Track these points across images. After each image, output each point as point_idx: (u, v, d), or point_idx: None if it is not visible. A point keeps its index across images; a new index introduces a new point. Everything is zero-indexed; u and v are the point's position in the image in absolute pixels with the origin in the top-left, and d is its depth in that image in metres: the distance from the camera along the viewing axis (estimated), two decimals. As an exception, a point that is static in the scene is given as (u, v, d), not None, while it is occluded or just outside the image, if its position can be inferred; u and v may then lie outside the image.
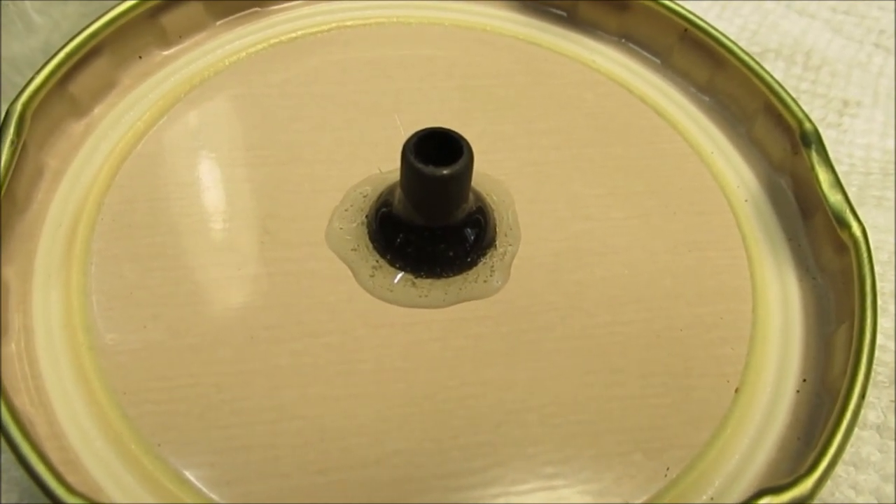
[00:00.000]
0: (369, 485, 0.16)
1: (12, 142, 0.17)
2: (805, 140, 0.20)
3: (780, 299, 0.19)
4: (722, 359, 0.18)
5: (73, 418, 0.16)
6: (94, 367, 0.17)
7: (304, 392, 0.17)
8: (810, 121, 0.20)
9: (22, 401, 0.16)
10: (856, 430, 0.16)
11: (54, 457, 0.15)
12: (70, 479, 0.14)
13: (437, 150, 0.17)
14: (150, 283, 0.18)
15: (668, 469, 0.16)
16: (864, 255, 0.18)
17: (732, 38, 0.22)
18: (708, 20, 0.23)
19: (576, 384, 0.17)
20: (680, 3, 0.23)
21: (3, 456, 0.18)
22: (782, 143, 0.21)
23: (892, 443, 0.19)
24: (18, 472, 0.16)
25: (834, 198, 0.19)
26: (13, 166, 0.17)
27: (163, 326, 0.17)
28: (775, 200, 0.21)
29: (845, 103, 0.26)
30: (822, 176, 0.19)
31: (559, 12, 0.24)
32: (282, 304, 0.18)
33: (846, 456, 0.16)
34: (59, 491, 0.14)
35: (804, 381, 0.18)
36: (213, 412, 0.16)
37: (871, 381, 0.16)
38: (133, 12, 0.21)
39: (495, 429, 0.17)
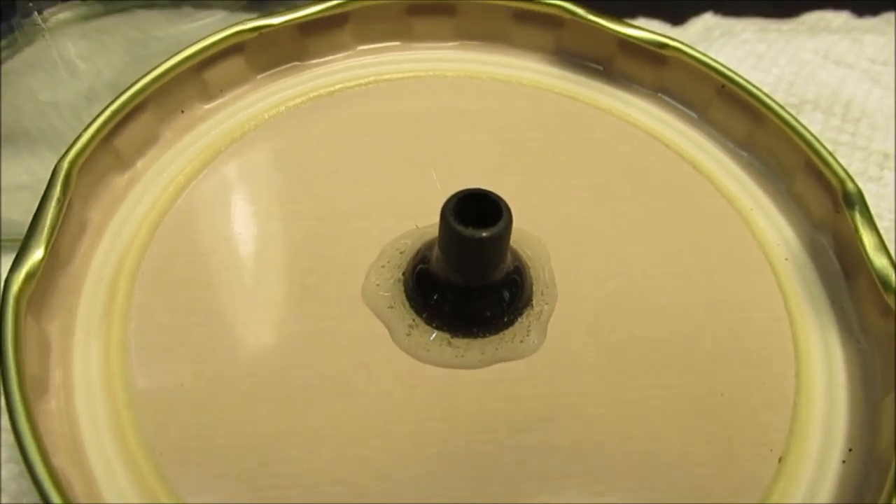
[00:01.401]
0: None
1: (59, 199, 0.18)
2: (848, 201, 0.19)
3: (824, 364, 0.19)
4: (765, 426, 0.17)
5: (111, 478, 0.16)
6: (131, 424, 0.17)
7: (342, 454, 0.16)
8: (853, 180, 0.20)
9: (61, 461, 0.16)
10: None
11: (92, 519, 0.15)
12: (108, 543, 0.15)
13: (476, 211, 0.17)
14: (189, 339, 0.18)
15: (710, 541, 0.16)
16: (912, 320, 0.17)
17: (769, 88, 0.22)
18: (744, 71, 0.23)
19: (615, 450, 0.17)
20: (714, 55, 0.23)
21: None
22: (823, 201, 0.21)
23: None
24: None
25: (879, 262, 0.18)
26: (59, 224, 0.18)
27: (200, 383, 0.17)
28: (817, 260, 0.20)
29: (886, 156, 0.26)
30: (867, 239, 0.19)
31: (595, 66, 0.24)
32: (319, 363, 0.18)
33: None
34: (98, 559, 0.14)
35: (850, 450, 0.17)
36: (250, 474, 0.16)
37: (921, 453, 0.16)
38: (178, 68, 0.21)
39: (535, 495, 0.16)
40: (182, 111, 0.22)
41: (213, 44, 0.21)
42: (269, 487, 0.16)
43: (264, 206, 0.20)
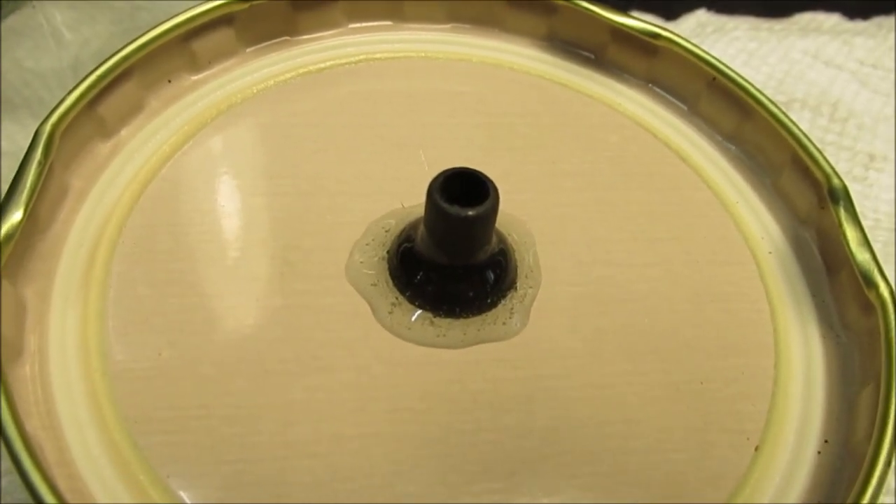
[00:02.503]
0: (379, 528, 0.15)
1: (39, 162, 0.17)
2: (833, 196, 0.19)
3: (803, 356, 0.19)
4: (742, 415, 0.17)
5: (84, 445, 0.16)
6: (106, 392, 0.16)
7: (317, 429, 0.16)
8: (838, 176, 0.20)
9: (33, 425, 0.16)
10: (881, 497, 0.15)
11: (62, 485, 0.15)
12: (77, 508, 0.14)
13: (463, 190, 0.17)
14: (168, 310, 0.18)
15: (683, 527, 0.16)
16: (892, 315, 0.17)
17: (759, 86, 0.22)
18: (735, 67, 0.22)
19: (592, 435, 0.17)
20: (707, 51, 0.23)
21: (4, 478, 0.18)
22: (809, 196, 0.21)
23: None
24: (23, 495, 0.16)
25: (862, 256, 0.18)
26: (39, 187, 0.17)
27: (177, 354, 0.17)
28: (800, 254, 0.20)
29: (871, 157, 0.26)
30: (850, 234, 0.19)
31: (587, 54, 0.24)
32: (298, 338, 0.18)
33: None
34: (67, 523, 0.14)
35: (826, 442, 0.17)
36: (224, 445, 0.16)
37: (896, 447, 0.16)
38: (165, 37, 0.21)
39: (509, 477, 0.16)
40: (169, 81, 0.22)
41: (201, 14, 0.21)
42: (241, 459, 0.16)
43: (249, 181, 0.20)
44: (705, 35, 0.30)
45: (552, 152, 0.22)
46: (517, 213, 0.20)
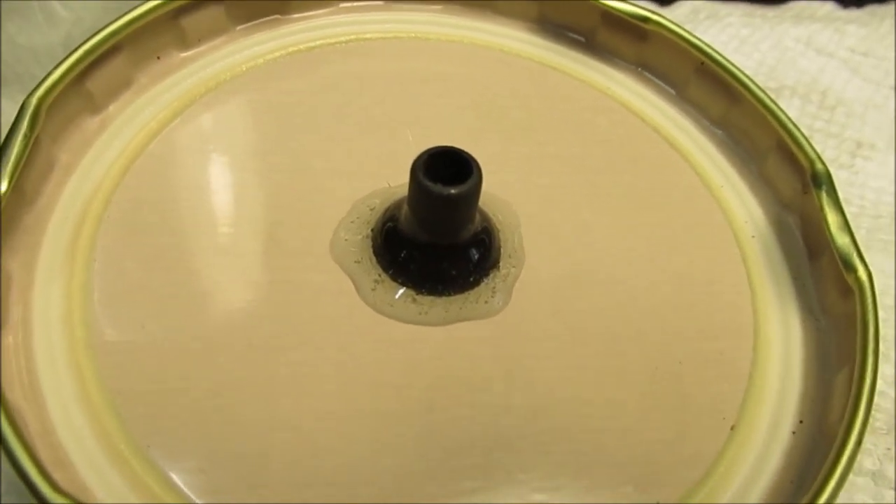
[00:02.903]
0: (356, 501, 0.16)
1: (25, 135, 0.17)
2: (816, 180, 0.20)
3: (782, 339, 0.19)
4: (719, 395, 0.18)
5: (66, 416, 0.16)
6: (89, 364, 0.17)
7: (299, 404, 0.17)
8: (822, 161, 0.20)
9: (15, 395, 0.16)
10: (850, 476, 0.16)
11: (43, 454, 0.15)
12: (57, 476, 0.14)
13: (447, 169, 0.17)
14: (152, 284, 0.18)
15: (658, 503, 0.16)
16: (869, 299, 0.18)
17: (749, 72, 0.22)
18: (726, 54, 0.22)
19: (571, 413, 0.17)
20: (698, 35, 0.23)
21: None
22: (793, 181, 0.21)
23: (889, 491, 0.19)
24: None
25: (842, 240, 0.19)
26: (24, 159, 0.17)
27: (161, 328, 0.17)
28: (782, 239, 0.21)
29: (859, 145, 0.26)
30: (831, 218, 0.19)
31: (577, 37, 0.24)
32: (282, 314, 0.18)
33: (838, 503, 0.16)
34: (45, 489, 0.14)
35: (801, 422, 0.18)
36: (206, 418, 0.16)
37: (868, 428, 0.16)
38: (154, 13, 0.21)
39: (487, 453, 0.16)
40: (158, 57, 0.22)
41: (192, -10, 0.21)
42: (223, 433, 0.16)
43: (236, 158, 0.20)
44: (698, 21, 0.30)
45: (541, 135, 0.22)
46: (503, 195, 0.20)
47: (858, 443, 0.15)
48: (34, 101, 0.18)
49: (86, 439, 0.16)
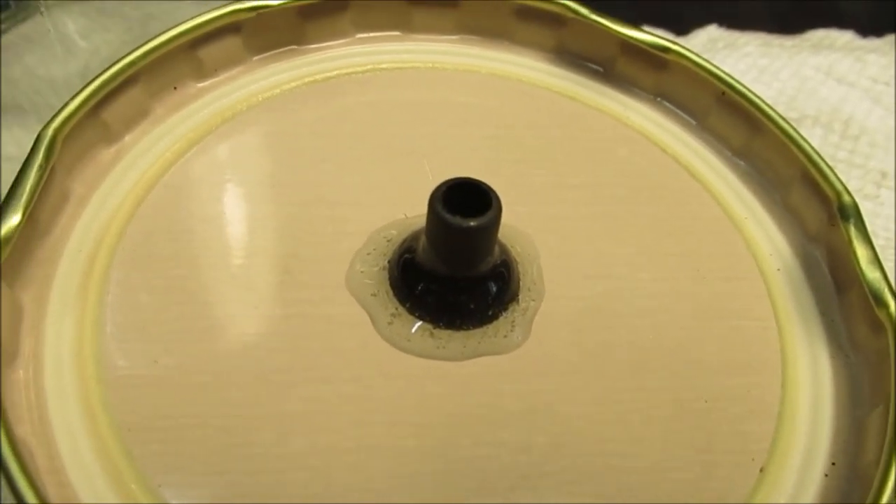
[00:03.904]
0: (373, 544, 0.15)
1: (40, 166, 0.17)
2: (843, 213, 0.19)
3: (811, 376, 0.18)
4: (747, 435, 0.17)
5: (75, 452, 0.16)
6: (100, 400, 0.16)
7: (314, 441, 0.16)
8: (849, 193, 0.19)
9: (24, 431, 0.15)
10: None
11: (52, 492, 0.15)
12: (66, 517, 0.14)
13: (466, 201, 0.16)
14: (165, 317, 0.17)
15: (686, 549, 0.16)
16: (902, 336, 0.17)
17: (770, 102, 0.22)
18: (745, 83, 0.22)
19: (594, 452, 0.17)
20: (717, 65, 0.22)
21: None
22: (818, 213, 0.20)
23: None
24: None
25: (872, 275, 0.18)
26: (39, 190, 0.17)
27: (174, 362, 0.17)
28: (809, 272, 0.20)
29: (883, 175, 0.25)
30: (860, 252, 0.18)
31: (596, 67, 0.24)
32: (296, 348, 0.17)
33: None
34: (53, 531, 0.13)
35: (833, 464, 0.17)
36: (219, 456, 0.16)
37: (905, 470, 0.15)
38: (172, 43, 0.21)
39: (508, 493, 0.16)
40: (175, 88, 0.22)
41: (209, 21, 0.21)
42: (236, 471, 0.16)
43: (252, 189, 0.20)
44: (716, 50, 0.30)
45: (559, 165, 0.22)
46: (521, 226, 0.20)
47: (896, 486, 0.15)
48: (50, 132, 0.18)
49: (95, 477, 0.15)
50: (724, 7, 0.33)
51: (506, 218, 0.17)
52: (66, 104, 0.18)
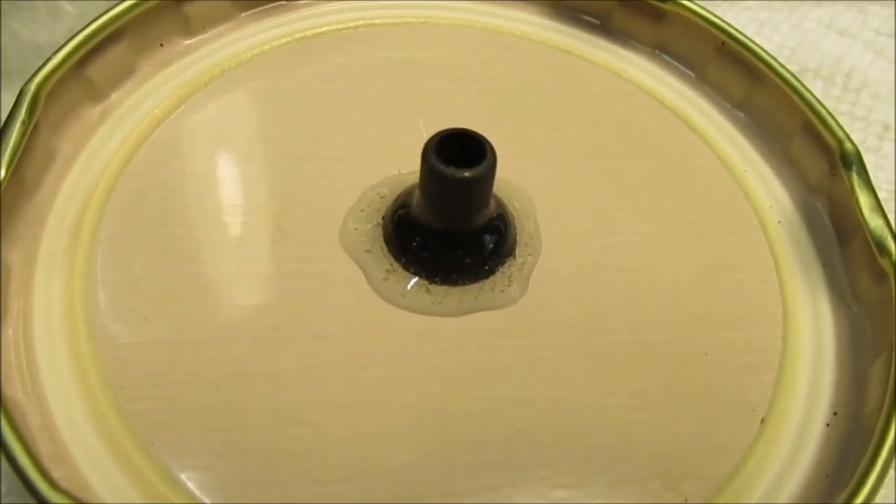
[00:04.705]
0: (369, 499, 0.15)
1: (23, 122, 0.17)
2: (845, 161, 0.19)
3: (813, 327, 0.18)
4: (748, 387, 0.17)
5: (67, 411, 0.15)
6: (91, 358, 0.16)
7: (308, 397, 0.16)
8: (851, 141, 0.19)
9: (14, 389, 0.15)
10: (891, 470, 0.15)
11: (44, 450, 0.15)
12: (57, 474, 0.14)
13: (459, 153, 0.16)
14: (156, 276, 0.17)
15: (686, 500, 0.15)
16: (905, 284, 0.17)
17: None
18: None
19: (593, 405, 0.16)
20: (717, 15, 0.22)
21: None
22: (820, 163, 0.20)
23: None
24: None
25: (875, 223, 0.18)
26: (22, 147, 0.17)
27: (166, 320, 0.17)
28: (810, 223, 0.20)
29: (886, 127, 0.25)
30: (863, 199, 0.18)
31: (592, 20, 0.23)
32: (290, 305, 0.17)
33: (879, 497, 0.15)
34: (43, 487, 0.13)
35: (835, 414, 0.17)
36: (212, 413, 0.15)
37: (908, 419, 0.15)
38: (156, -1, 0.20)
39: (506, 447, 0.16)
40: (161, 45, 0.21)
41: (196, -25, 0.20)
42: (229, 427, 0.15)
43: (242, 147, 0.20)
44: (716, 4, 0.29)
45: (556, 120, 0.21)
46: (518, 181, 0.20)
47: (900, 434, 0.15)
48: (33, 87, 0.17)
49: (87, 436, 0.15)
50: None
51: (501, 173, 0.17)
52: (48, 59, 0.18)
